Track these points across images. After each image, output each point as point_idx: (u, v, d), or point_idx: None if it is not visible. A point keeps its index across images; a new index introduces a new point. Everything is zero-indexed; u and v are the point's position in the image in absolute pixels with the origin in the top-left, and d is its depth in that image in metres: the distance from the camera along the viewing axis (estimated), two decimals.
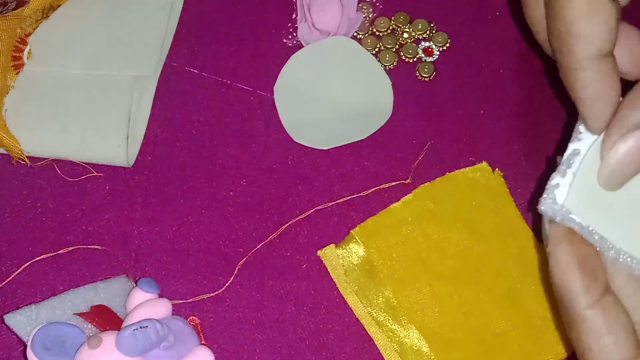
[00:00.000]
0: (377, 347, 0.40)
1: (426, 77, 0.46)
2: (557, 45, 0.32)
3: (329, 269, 0.41)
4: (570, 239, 0.30)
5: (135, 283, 0.39)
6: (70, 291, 0.39)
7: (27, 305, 0.37)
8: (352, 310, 0.41)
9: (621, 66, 0.33)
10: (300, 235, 0.43)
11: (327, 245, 0.42)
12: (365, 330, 0.41)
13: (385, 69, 0.46)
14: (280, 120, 0.45)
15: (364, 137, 0.44)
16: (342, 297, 0.41)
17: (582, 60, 0.31)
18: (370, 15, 0.48)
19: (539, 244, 0.41)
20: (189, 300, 0.41)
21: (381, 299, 0.40)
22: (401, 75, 0.47)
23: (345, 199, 0.43)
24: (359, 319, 0.41)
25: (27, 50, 0.45)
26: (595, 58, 0.31)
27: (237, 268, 0.42)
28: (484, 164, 0.43)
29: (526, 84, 0.46)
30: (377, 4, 0.49)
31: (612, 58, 0.31)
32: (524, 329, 0.39)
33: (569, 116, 0.45)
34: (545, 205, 0.31)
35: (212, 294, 0.41)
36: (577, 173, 0.30)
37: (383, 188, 0.44)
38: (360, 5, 0.48)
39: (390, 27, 0.48)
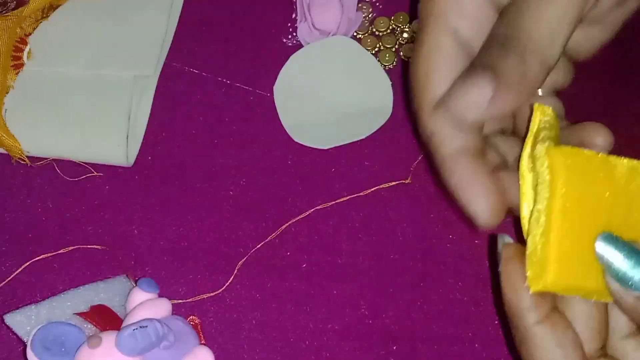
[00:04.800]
0: (376, 347, 0.40)
1: None
2: None
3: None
4: (521, 258, 0.30)
5: (135, 283, 0.39)
6: (70, 291, 0.39)
7: (27, 305, 0.37)
8: (352, 310, 0.41)
9: None
10: (300, 235, 0.43)
11: (326, 245, 0.42)
12: (365, 330, 0.41)
13: (385, 69, 0.46)
14: (280, 120, 0.45)
15: (364, 137, 0.44)
16: (342, 297, 0.41)
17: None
18: (370, 15, 0.48)
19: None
20: (188, 300, 0.41)
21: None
22: (401, 75, 0.47)
23: (345, 198, 0.43)
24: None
25: (27, 50, 0.45)
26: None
27: (237, 268, 0.42)
28: None
29: None
30: (377, 3, 0.49)
31: None
32: None
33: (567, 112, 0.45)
34: None
35: (212, 294, 0.41)
36: None
37: (383, 188, 0.44)
38: (360, 5, 0.48)
39: (390, 27, 0.48)
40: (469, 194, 0.29)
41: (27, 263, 0.41)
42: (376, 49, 0.47)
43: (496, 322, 0.41)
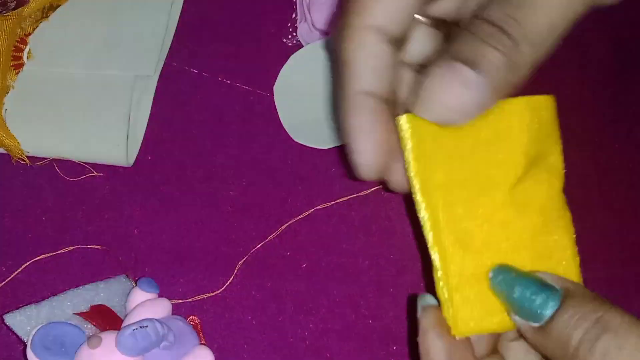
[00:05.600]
0: (376, 347, 0.40)
1: None
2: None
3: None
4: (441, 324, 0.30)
5: (135, 283, 0.39)
6: (70, 291, 0.39)
7: (27, 305, 0.37)
8: (352, 310, 0.41)
9: None
10: (300, 235, 0.43)
11: (326, 245, 0.42)
12: (365, 330, 0.41)
13: None
14: (280, 120, 0.45)
15: None
16: (342, 297, 0.41)
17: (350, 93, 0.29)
18: None
19: None
20: (188, 300, 0.41)
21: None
22: None
23: (345, 198, 0.43)
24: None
25: (27, 50, 0.45)
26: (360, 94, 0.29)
27: (237, 268, 0.42)
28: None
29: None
30: None
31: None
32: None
33: (567, 112, 0.45)
34: None
35: (212, 294, 0.41)
36: None
37: (383, 188, 0.44)
38: None
39: None
40: (363, 142, 0.29)
41: (27, 263, 0.41)
42: None
43: None
